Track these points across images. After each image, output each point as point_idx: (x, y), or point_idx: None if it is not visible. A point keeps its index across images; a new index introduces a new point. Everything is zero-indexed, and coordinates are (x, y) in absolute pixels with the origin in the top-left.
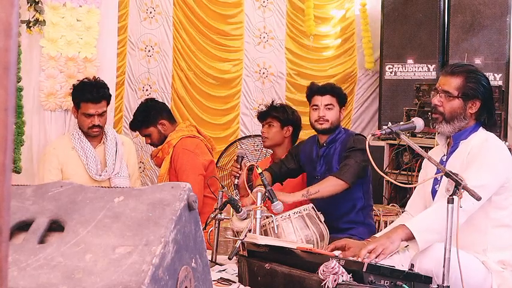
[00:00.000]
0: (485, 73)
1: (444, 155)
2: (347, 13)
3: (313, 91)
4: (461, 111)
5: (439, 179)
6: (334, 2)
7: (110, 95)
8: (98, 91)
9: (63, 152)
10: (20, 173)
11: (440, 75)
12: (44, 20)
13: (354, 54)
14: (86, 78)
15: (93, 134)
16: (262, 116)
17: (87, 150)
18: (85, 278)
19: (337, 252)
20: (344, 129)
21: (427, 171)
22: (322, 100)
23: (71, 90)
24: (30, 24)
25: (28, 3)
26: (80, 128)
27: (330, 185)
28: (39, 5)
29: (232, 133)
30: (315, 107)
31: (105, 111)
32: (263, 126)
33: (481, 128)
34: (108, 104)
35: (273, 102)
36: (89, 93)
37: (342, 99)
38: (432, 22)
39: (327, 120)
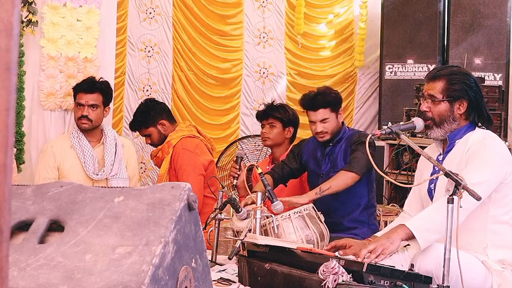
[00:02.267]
0: (485, 73)
1: (440, 154)
2: (346, 13)
3: (305, 107)
4: (449, 114)
5: (434, 178)
6: (333, 2)
7: (109, 92)
8: (92, 82)
9: (60, 151)
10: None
11: (425, 81)
12: (36, 20)
13: (353, 54)
14: (89, 77)
15: (82, 126)
16: (264, 116)
17: (85, 149)
18: (85, 278)
19: (337, 252)
20: (349, 128)
21: (423, 171)
22: (316, 115)
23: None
24: (23, 25)
25: (22, 3)
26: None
27: (341, 179)
28: (33, 5)
29: (232, 133)
30: (311, 122)
31: (97, 106)
32: (264, 126)
33: (477, 128)
34: (104, 100)
35: (273, 102)
36: (84, 83)
37: (335, 105)
38: (432, 22)
39: (326, 133)
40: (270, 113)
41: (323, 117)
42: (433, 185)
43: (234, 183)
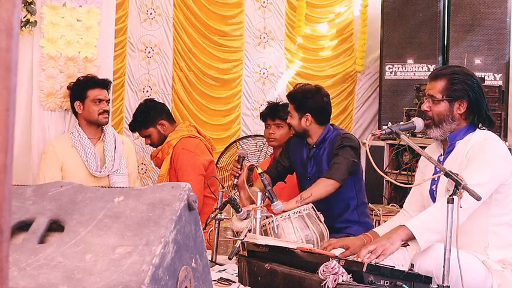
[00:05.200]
0: (485, 73)
1: (441, 155)
2: (346, 13)
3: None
4: (448, 114)
5: (436, 179)
6: (333, 2)
7: (110, 89)
8: (102, 78)
9: (62, 150)
10: None
11: (427, 81)
12: (35, 21)
13: (353, 54)
14: (88, 74)
15: (104, 120)
16: (271, 116)
17: (86, 147)
18: (85, 278)
19: (337, 252)
20: (334, 127)
21: (424, 172)
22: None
23: (70, 89)
24: (21, 25)
25: (22, 3)
26: (79, 122)
27: (322, 187)
28: (32, 6)
29: (233, 134)
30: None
31: (110, 101)
32: (269, 126)
33: (477, 129)
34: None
35: (279, 102)
36: (97, 79)
37: (301, 106)
38: (432, 22)
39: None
40: (277, 114)
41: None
42: (434, 186)
43: (235, 182)
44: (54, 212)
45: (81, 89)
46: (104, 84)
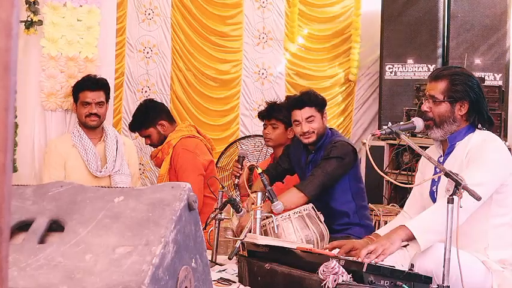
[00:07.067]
0: (485, 73)
1: (441, 156)
2: (346, 14)
3: (291, 106)
4: (449, 115)
5: (436, 180)
6: (333, 2)
7: (109, 88)
8: (96, 80)
9: (64, 150)
10: (16, 171)
11: (427, 81)
12: (38, 20)
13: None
14: (87, 75)
15: (91, 123)
16: (266, 116)
17: (87, 147)
18: (85, 278)
19: (336, 252)
20: (332, 132)
21: (424, 173)
22: (302, 114)
23: (72, 89)
24: (27, 26)
25: (26, 3)
26: (79, 122)
27: (291, 197)
28: (35, 5)
29: (232, 134)
30: (296, 122)
31: (103, 103)
32: (266, 126)
33: (477, 130)
34: (107, 97)
35: (275, 102)
36: (88, 81)
37: (320, 105)
38: (432, 22)
39: (313, 133)
40: (272, 114)
41: (309, 115)
42: (435, 187)
43: (236, 182)
44: (54, 212)
45: (75, 91)
46: (93, 87)
